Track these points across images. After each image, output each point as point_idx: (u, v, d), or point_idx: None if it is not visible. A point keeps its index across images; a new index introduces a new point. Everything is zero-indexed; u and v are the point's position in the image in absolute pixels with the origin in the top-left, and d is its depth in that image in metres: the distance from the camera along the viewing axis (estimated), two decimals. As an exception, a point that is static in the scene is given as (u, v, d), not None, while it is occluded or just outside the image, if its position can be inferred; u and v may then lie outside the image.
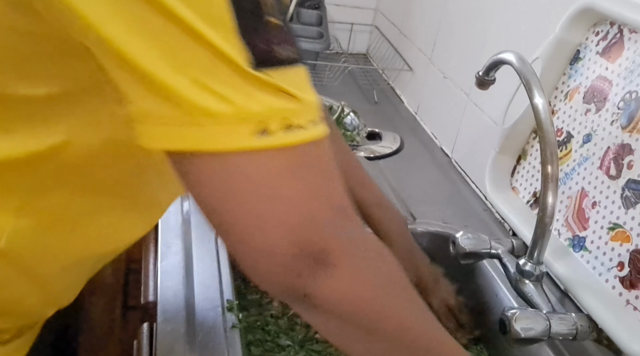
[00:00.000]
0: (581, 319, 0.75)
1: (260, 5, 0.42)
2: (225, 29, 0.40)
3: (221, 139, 0.41)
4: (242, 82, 0.41)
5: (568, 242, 0.88)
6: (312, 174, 0.44)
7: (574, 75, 0.94)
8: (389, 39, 1.69)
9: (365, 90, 1.60)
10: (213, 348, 0.71)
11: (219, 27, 0.40)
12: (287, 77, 0.43)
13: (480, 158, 1.14)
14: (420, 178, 1.20)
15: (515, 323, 0.70)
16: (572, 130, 0.92)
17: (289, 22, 0.44)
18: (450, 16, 1.37)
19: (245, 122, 0.41)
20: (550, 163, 0.74)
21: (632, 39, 0.85)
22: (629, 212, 0.79)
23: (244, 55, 0.41)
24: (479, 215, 1.11)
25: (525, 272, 0.79)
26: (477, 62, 1.17)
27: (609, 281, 0.80)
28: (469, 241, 0.86)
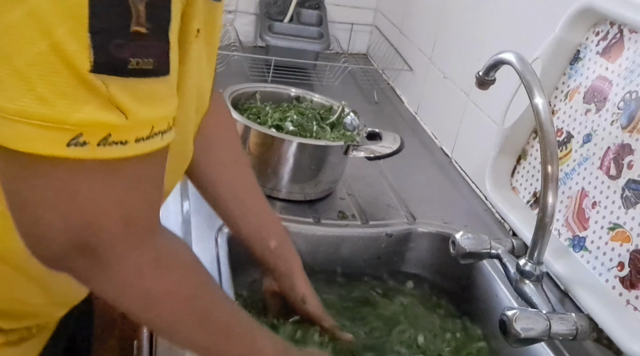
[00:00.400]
0: (581, 319, 0.75)
1: (127, 13, 0.40)
2: (77, 23, 0.38)
3: (31, 142, 0.40)
4: (72, 85, 0.39)
5: (568, 242, 0.88)
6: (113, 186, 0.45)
7: (574, 75, 0.94)
8: (389, 39, 1.69)
9: (365, 90, 1.60)
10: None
11: (71, 19, 0.38)
12: (132, 88, 0.41)
13: (480, 158, 1.14)
14: (420, 178, 1.20)
15: (515, 323, 0.70)
16: (572, 130, 0.92)
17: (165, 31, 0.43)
18: (450, 16, 1.37)
19: (61, 129, 0.40)
20: (551, 163, 0.74)
21: (632, 39, 0.85)
22: (629, 212, 0.78)
23: (88, 57, 0.39)
24: (479, 215, 1.11)
25: (525, 272, 0.79)
26: (477, 62, 1.17)
27: (609, 281, 0.80)
28: (469, 241, 0.86)
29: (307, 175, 1.01)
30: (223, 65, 1.47)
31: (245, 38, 1.71)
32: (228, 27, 1.70)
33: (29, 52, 0.38)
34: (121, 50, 0.40)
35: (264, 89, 1.10)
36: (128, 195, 0.46)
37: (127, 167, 0.44)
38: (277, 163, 0.99)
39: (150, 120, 0.43)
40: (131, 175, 0.45)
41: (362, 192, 1.10)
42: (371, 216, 1.03)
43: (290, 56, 1.54)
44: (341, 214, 1.02)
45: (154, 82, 0.43)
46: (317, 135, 0.99)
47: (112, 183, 0.45)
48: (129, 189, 0.46)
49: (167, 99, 0.45)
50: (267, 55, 1.57)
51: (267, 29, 1.60)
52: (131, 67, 0.41)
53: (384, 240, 1.01)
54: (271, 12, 1.64)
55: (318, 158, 1.00)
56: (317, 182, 1.02)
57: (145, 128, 0.43)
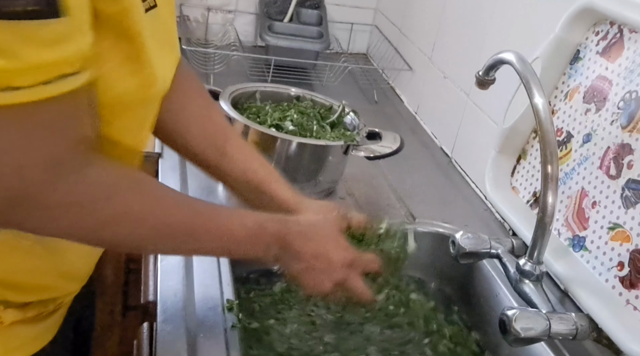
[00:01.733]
0: (581, 319, 0.75)
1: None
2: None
3: None
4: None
5: (568, 241, 0.88)
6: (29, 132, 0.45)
7: (574, 75, 0.94)
8: (389, 38, 1.69)
9: (365, 90, 1.60)
10: (213, 348, 0.71)
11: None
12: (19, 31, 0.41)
13: (480, 158, 1.14)
14: (420, 178, 1.20)
15: (515, 322, 0.70)
16: (572, 129, 0.92)
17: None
18: (450, 16, 1.37)
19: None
20: (550, 163, 0.74)
21: (632, 39, 0.85)
22: (628, 211, 0.79)
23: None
24: (479, 214, 1.11)
25: (525, 272, 0.79)
26: (477, 61, 1.17)
27: (609, 281, 0.80)
28: (468, 241, 0.86)
29: (307, 175, 1.01)
30: (223, 65, 1.47)
31: (245, 38, 1.71)
32: (228, 27, 1.70)
33: None
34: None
35: (264, 89, 1.10)
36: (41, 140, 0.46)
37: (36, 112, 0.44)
38: (277, 162, 0.99)
39: (48, 63, 0.43)
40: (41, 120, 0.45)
41: (362, 192, 1.10)
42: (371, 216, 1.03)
43: (290, 56, 1.54)
44: (341, 214, 1.02)
45: (43, 24, 0.42)
46: (317, 135, 0.99)
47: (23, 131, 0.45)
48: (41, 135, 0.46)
49: (67, 40, 0.44)
50: (267, 55, 1.57)
51: (267, 29, 1.60)
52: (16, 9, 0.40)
53: (384, 239, 1.01)
54: (271, 12, 1.64)
55: (318, 158, 1.00)
56: (317, 182, 1.02)
57: (45, 72, 0.43)
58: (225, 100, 1.01)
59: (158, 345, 0.70)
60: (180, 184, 1.00)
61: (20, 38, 0.41)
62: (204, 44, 1.66)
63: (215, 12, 1.70)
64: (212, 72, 1.45)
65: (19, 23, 0.41)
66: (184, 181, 1.01)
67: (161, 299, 0.76)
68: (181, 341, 0.71)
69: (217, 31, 1.71)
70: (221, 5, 1.70)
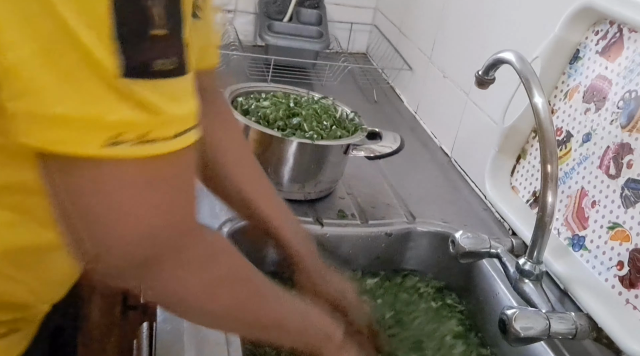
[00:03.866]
0: (581, 318, 0.75)
1: (147, 17, 0.42)
2: (101, 30, 0.40)
3: (71, 144, 0.42)
4: (105, 89, 0.41)
5: (568, 241, 0.88)
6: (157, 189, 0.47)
7: (573, 75, 0.94)
8: (389, 38, 1.69)
9: (365, 89, 1.60)
10: (213, 348, 0.71)
11: (95, 27, 0.40)
12: (159, 88, 0.43)
13: (480, 157, 1.14)
14: (420, 178, 1.20)
15: (515, 322, 0.70)
16: (571, 129, 0.92)
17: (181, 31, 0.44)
18: (450, 15, 1.37)
19: (98, 130, 0.42)
20: (550, 163, 0.74)
21: (631, 38, 0.85)
22: (628, 211, 0.79)
23: (115, 61, 0.41)
24: (479, 214, 1.11)
25: (524, 271, 0.79)
26: (476, 61, 1.17)
27: (609, 280, 0.80)
28: (468, 240, 0.86)
29: (307, 175, 1.01)
30: (222, 65, 1.47)
31: (245, 37, 1.71)
32: (227, 27, 1.70)
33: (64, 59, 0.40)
34: (144, 54, 0.42)
35: (264, 88, 1.10)
36: (173, 196, 0.48)
37: (166, 167, 0.46)
38: (277, 162, 0.99)
39: (180, 117, 0.45)
40: (171, 174, 0.47)
41: (362, 192, 1.10)
42: (371, 215, 1.03)
43: (290, 55, 1.54)
44: (341, 213, 1.03)
45: (177, 82, 0.45)
46: (317, 135, 0.99)
47: (156, 187, 0.46)
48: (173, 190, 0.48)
49: (190, 96, 0.47)
50: (267, 55, 1.57)
51: (266, 28, 1.60)
52: (156, 68, 0.43)
53: (383, 239, 1.01)
54: (271, 12, 1.64)
55: (318, 158, 1.00)
56: (317, 182, 1.02)
57: (177, 124, 0.45)
58: (227, 100, 1.01)
59: (158, 345, 0.70)
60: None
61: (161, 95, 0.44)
62: (203, 43, 1.66)
63: (214, 12, 1.70)
64: (211, 71, 1.45)
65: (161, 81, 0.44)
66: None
67: (161, 299, 0.76)
68: (181, 341, 0.71)
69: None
70: (220, 5, 1.70)
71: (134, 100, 0.42)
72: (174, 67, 0.44)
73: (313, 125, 1.00)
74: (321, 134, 0.99)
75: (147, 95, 0.43)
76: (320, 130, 1.00)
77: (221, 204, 0.95)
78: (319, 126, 1.00)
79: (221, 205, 0.95)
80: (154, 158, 0.44)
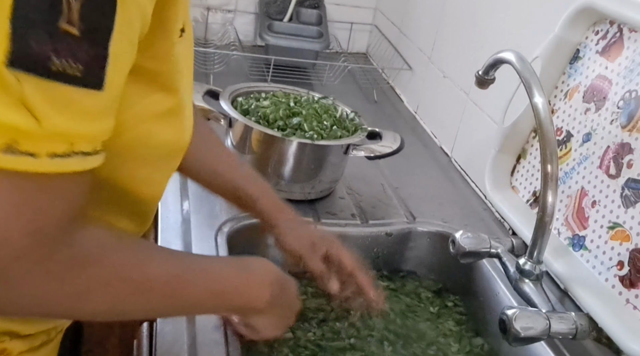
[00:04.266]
0: (581, 318, 0.75)
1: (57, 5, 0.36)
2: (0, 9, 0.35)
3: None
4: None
5: (568, 241, 0.88)
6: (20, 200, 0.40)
7: (573, 74, 0.94)
8: (389, 38, 1.69)
9: (365, 89, 1.60)
10: (213, 348, 0.71)
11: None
12: (51, 94, 0.37)
13: (480, 157, 1.14)
14: (420, 178, 1.20)
15: (515, 322, 0.70)
16: (571, 129, 0.92)
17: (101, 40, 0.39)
18: (450, 15, 1.37)
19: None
20: (550, 163, 0.74)
21: (631, 38, 0.85)
22: (628, 211, 0.79)
23: (5, 47, 0.35)
24: (479, 214, 1.11)
25: (525, 271, 0.79)
26: (476, 61, 1.17)
27: (609, 280, 0.80)
28: (468, 240, 0.86)
29: (307, 175, 1.01)
30: (222, 65, 1.47)
31: (245, 37, 1.71)
32: (228, 27, 1.70)
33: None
34: (44, 46, 0.36)
35: (264, 88, 1.10)
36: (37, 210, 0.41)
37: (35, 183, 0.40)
38: (277, 162, 0.99)
39: (68, 134, 0.39)
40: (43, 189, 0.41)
41: (362, 192, 1.10)
42: (371, 215, 1.03)
43: (290, 55, 1.54)
44: (341, 213, 1.03)
45: (79, 93, 0.38)
46: (317, 135, 0.99)
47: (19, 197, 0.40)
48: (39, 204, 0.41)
49: (97, 118, 0.41)
50: (267, 55, 1.57)
51: (266, 28, 1.60)
52: (54, 68, 0.37)
53: (383, 239, 1.01)
54: (271, 12, 1.64)
55: (318, 158, 1.00)
56: (317, 182, 1.02)
57: (61, 142, 0.39)
58: (225, 99, 1.01)
59: (158, 345, 0.70)
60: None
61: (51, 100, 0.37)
62: (203, 43, 1.66)
63: (214, 12, 1.70)
64: (211, 71, 1.45)
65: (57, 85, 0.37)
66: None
67: (161, 299, 0.76)
68: (181, 341, 0.71)
69: (216, 31, 1.71)
70: (221, 5, 1.70)
71: (14, 97, 0.36)
72: (76, 74, 0.38)
73: (313, 125, 1.00)
74: (321, 134, 0.99)
75: (32, 95, 0.36)
76: (321, 130, 1.00)
77: (221, 204, 0.95)
78: (319, 126, 1.00)
79: (221, 205, 0.95)
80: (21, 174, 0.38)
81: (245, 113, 1.01)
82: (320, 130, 1.00)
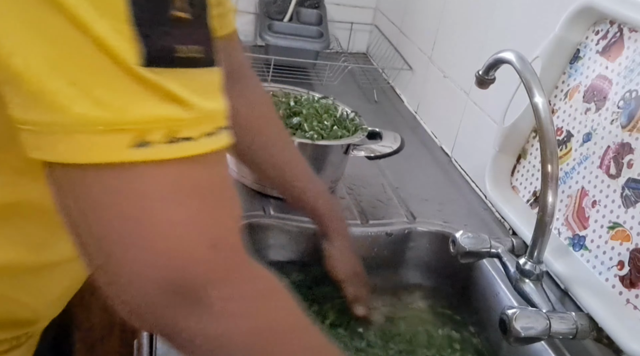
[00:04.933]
0: (581, 318, 0.75)
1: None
2: (116, 17, 0.35)
3: (92, 150, 0.36)
4: (126, 82, 0.36)
5: (568, 241, 0.88)
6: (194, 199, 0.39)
7: (573, 74, 0.94)
8: (389, 38, 1.69)
9: (365, 89, 1.60)
10: (213, 348, 0.71)
11: (109, 14, 0.35)
12: (186, 80, 0.38)
13: (480, 157, 1.14)
14: (420, 178, 1.20)
15: (515, 322, 0.70)
16: (572, 129, 0.92)
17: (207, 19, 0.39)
18: (450, 15, 1.37)
19: (122, 131, 0.36)
20: (550, 163, 0.74)
21: (632, 38, 0.85)
22: (628, 210, 0.78)
23: (135, 50, 0.36)
24: (479, 214, 1.11)
25: (525, 271, 0.79)
26: (477, 61, 1.17)
27: (609, 280, 0.80)
28: (468, 240, 0.86)
29: (307, 175, 1.01)
30: (223, 65, 1.47)
31: (245, 37, 1.71)
32: (228, 27, 1.70)
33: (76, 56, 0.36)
34: (167, 38, 0.37)
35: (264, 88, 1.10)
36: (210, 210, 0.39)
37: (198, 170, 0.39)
38: (277, 162, 0.99)
39: (211, 113, 0.39)
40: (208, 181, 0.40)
41: (362, 192, 1.10)
42: (371, 215, 1.03)
43: (290, 55, 1.54)
44: (341, 213, 1.03)
45: (204, 73, 0.39)
46: (317, 135, 0.99)
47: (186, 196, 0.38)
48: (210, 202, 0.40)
49: (220, 91, 0.41)
50: (267, 55, 1.57)
51: (266, 28, 1.60)
52: (179, 55, 0.37)
53: (383, 239, 1.01)
54: (271, 12, 1.64)
55: (318, 158, 1.00)
56: (317, 182, 1.02)
57: (209, 121, 0.39)
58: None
59: (158, 345, 0.70)
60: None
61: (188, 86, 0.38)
62: (203, 43, 1.66)
63: (215, 12, 1.70)
64: (212, 71, 1.45)
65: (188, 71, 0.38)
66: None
67: (161, 299, 0.76)
68: (181, 341, 0.71)
69: (216, 31, 1.70)
70: (221, 5, 1.70)
71: (160, 92, 0.37)
72: (200, 56, 0.38)
73: (313, 125, 1.00)
74: (321, 134, 0.99)
75: (173, 86, 0.37)
76: (321, 130, 1.00)
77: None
78: (319, 126, 1.00)
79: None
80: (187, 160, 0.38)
81: (245, 113, 1.01)
82: (321, 130, 1.00)
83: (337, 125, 1.03)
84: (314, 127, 1.00)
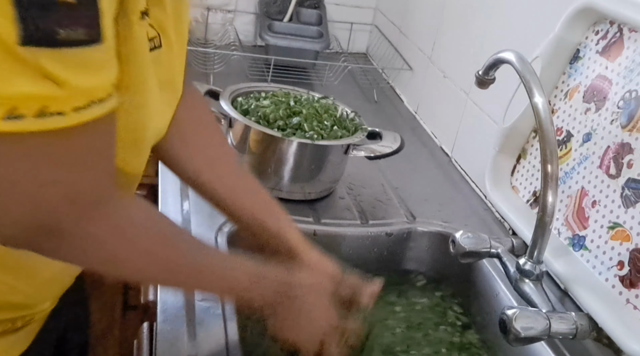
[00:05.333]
0: (581, 318, 0.75)
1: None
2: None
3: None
4: (3, 60, 0.40)
5: (568, 241, 0.88)
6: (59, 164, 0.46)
7: (573, 74, 0.94)
8: (389, 38, 1.69)
9: (365, 89, 1.60)
10: (213, 348, 0.71)
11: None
12: (65, 58, 0.41)
13: (480, 157, 1.14)
14: (420, 178, 1.20)
15: (515, 322, 0.70)
16: (572, 129, 0.92)
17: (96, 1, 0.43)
18: (450, 15, 1.37)
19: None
20: (550, 163, 0.74)
21: (631, 38, 0.85)
22: (628, 211, 0.79)
23: (14, 30, 0.39)
24: (479, 214, 1.11)
25: (525, 271, 0.79)
26: (477, 61, 1.17)
27: (609, 280, 0.80)
28: (468, 240, 0.86)
29: (307, 175, 1.01)
30: (223, 65, 1.47)
31: (245, 37, 1.71)
32: (228, 27, 1.70)
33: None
34: (47, 21, 0.40)
35: (264, 88, 1.10)
36: (70, 171, 0.47)
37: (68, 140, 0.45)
38: (278, 162, 0.99)
39: (86, 89, 0.44)
40: (73, 148, 0.46)
41: (362, 192, 1.10)
42: (371, 215, 1.03)
43: (290, 55, 1.54)
44: (341, 213, 1.03)
45: (86, 51, 0.43)
46: (317, 135, 0.99)
47: (55, 160, 0.45)
48: (72, 164, 0.47)
49: (104, 67, 0.45)
50: (267, 55, 1.57)
51: (266, 29, 1.60)
52: (61, 37, 0.41)
53: (383, 239, 1.01)
54: (271, 12, 1.64)
55: (318, 158, 1.00)
56: (317, 182, 1.02)
57: (82, 97, 0.44)
58: (225, 100, 1.01)
59: (158, 345, 0.70)
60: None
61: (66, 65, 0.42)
62: (203, 43, 1.66)
63: (214, 12, 1.70)
64: (211, 71, 1.45)
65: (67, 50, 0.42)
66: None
67: (161, 299, 0.76)
68: (181, 341, 0.71)
69: (216, 31, 1.71)
70: (221, 5, 1.70)
71: (35, 70, 0.40)
72: (84, 37, 0.42)
73: (313, 125, 1.00)
74: (321, 134, 0.99)
75: (50, 65, 0.41)
76: (321, 130, 1.00)
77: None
78: (319, 126, 1.00)
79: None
80: (55, 132, 0.43)
81: (245, 113, 1.01)
82: (321, 130, 1.00)
83: (337, 125, 1.03)
84: (314, 127, 1.00)
